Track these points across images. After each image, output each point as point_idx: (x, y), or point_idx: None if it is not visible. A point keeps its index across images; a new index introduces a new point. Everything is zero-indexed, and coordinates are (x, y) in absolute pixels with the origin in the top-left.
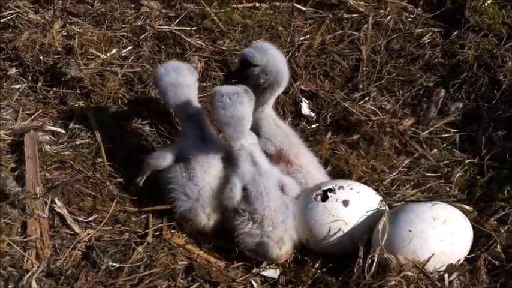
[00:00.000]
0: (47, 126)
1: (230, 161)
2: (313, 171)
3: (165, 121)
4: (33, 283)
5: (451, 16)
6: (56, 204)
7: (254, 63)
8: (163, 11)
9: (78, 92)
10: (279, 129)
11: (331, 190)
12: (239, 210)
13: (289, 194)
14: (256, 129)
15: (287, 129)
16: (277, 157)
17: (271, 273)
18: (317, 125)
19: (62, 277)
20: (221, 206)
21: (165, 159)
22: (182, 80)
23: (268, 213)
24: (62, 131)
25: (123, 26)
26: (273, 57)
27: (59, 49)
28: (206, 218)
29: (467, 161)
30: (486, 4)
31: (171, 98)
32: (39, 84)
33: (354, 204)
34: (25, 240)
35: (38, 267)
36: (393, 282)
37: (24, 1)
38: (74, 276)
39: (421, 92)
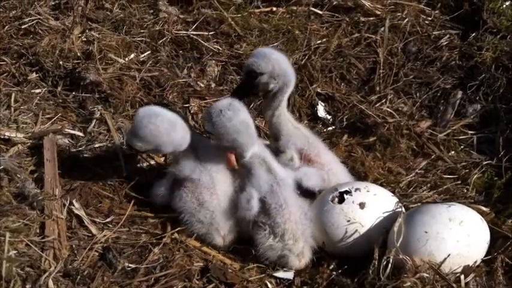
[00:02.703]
0: (66, 130)
1: (242, 173)
2: (335, 168)
3: None
4: (50, 283)
5: (469, 18)
6: (74, 205)
7: (261, 71)
8: (181, 16)
9: (97, 96)
10: (298, 131)
11: (347, 192)
12: (259, 223)
13: (308, 185)
14: (275, 133)
15: (306, 131)
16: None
17: (286, 274)
18: (333, 127)
19: (79, 277)
20: (236, 225)
21: (160, 195)
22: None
23: (289, 226)
24: (81, 134)
25: (142, 31)
26: (277, 61)
27: (79, 54)
28: (222, 240)
29: (484, 163)
30: (504, 6)
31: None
32: (59, 88)
33: (370, 206)
34: (43, 240)
35: (55, 268)
36: (408, 284)
37: (44, 8)
38: (90, 276)
39: (438, 94)
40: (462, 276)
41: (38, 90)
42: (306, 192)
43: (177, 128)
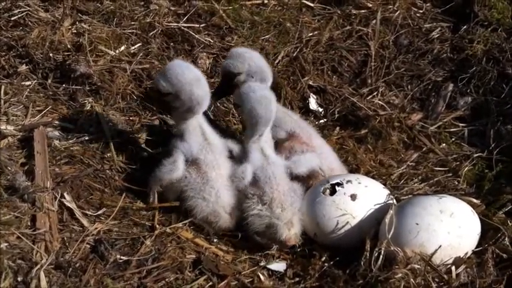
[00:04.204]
0: (57, 122)
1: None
2: (326, 152)
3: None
4: (42, 275)
5: (460, 11)
6: (65, 198)
7: (238, 71)
8: (172, 8)
9: (88, 88)
10: (288, 116)
11: (339, 184)
12: (248, 195)
13: (298, 172)
14: None
15: (295, 116)
16: (290, 139)
17: (278, 266)
18: (325, 120)
19: (71, 269)
20: (240, 203)
21: (178, 170)
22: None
23: (277, 195)
24: (71, 126)
25: (132, 23)
26: (252, 59)
27: (69, 46)
28: (229, 218)
29: (475, 155)
30: None
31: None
32: (49, 80)
33: (361, 198)
34: (34, 233)
35: (46, 260)
36: (400, 275)
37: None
38: (82, 268)
39: (430, 87)
40: (453, 268)
41: (28, 83)
42: (296, 179)
43: (200, 83)
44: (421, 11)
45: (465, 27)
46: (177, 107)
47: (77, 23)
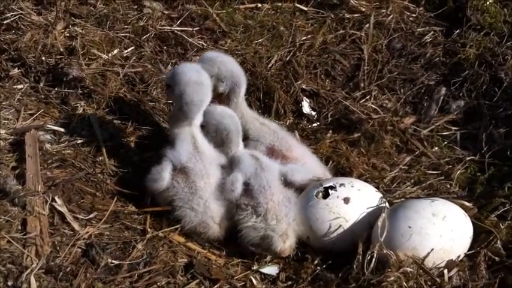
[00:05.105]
0: (48, 126)
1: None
2: (309, 162)
3: (166, 120)
4: (32, 280)
5: (453, 15)
6: (56, 202)
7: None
8: (166, 12)
9: (80, 91)
10: (265, 127)
11: (332, 187)
12: (242, 205)
13: (294, 180)
14: (243, 134)
15: (273, 126)
16: (269, 154)
17: (271, 270)
18: (318, 123)
19: (61, 274)
20: (230, 212)
21: (163, 180)
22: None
23: (271, 206)
24: (63, 130)
25: (125, 26)
26: (223, 64)
27: (61, 50)
28: (218, 227)
29: (467, 159)
30: (488, 3)
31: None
32: (41, 84)
33: (354, 201)
34: (25, 237)
35: (37, 264)
36: (392, 278)
37: (27, 3)
38: (73, 273)
39: (422, 91)
40: (445, 271)
41: (20, 86)
42: (289, 186)
43: (203, 86)
44: (414, 15)
45: (458, 31)
46: (173, 103)
47: (70, 26)
